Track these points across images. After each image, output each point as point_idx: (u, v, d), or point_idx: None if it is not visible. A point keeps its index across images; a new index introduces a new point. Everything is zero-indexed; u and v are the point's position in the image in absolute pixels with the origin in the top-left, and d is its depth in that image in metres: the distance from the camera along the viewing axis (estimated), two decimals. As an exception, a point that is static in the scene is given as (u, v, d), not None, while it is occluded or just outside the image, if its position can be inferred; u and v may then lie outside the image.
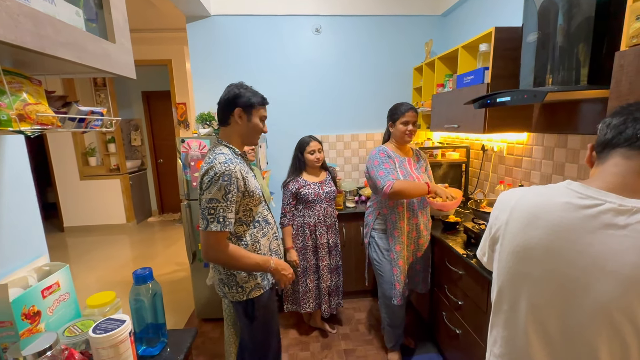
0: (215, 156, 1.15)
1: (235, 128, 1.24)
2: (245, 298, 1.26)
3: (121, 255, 3.88)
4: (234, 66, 2.84)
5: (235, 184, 1.13)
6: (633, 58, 0.97)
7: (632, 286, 0.51)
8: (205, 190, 1.12)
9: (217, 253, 1.15)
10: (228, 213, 1.13)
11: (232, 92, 1.22)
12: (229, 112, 1.22)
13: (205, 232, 1.13)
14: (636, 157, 0.58)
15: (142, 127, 5.40)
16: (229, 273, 1.24)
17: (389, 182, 1.63)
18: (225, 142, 1.24)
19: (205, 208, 1.12)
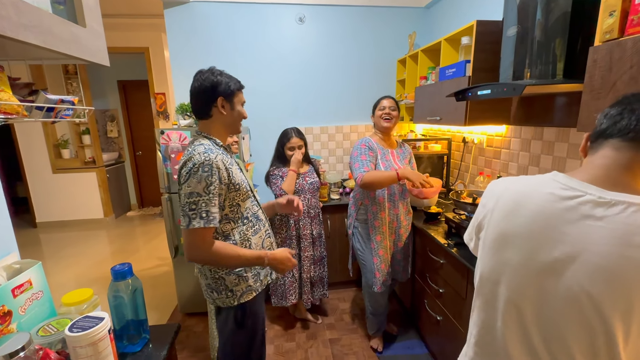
0: (194, 148, 1.07)
1: (219, 119, 1.15)
2: (237, 303, 1.15)
3: (99, 251, 3.76)
4: (215, 55, 2.75)
5: (217, 175, 1.03)
6: (605, 53, 1.00)
7: (602, 276, 0.54)
8: (184, 183, 1.03)
9: (202, 252, 1.05)
10: (211, 207, 1.03)
11: (208, 80, 1.10)
12: (210, 103, 1.11)
13: (188, 230, 1.02)
14: (625, 150, 0.58)
15: (119, 118, 5.19)
16: (217, 277, 1.13)
17: (360, 174, 1.69)
18: (206, 134, 1.14)
19: (186, 203, 1.02)
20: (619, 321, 0.52)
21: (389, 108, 1.82)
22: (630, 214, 0.53)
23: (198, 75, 1.12)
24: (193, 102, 1.14)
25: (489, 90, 1.39)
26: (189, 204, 1.02)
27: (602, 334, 0.54)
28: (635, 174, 0.57)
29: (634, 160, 0.57)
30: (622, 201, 0.54)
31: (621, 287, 0.52)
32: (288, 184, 1.95)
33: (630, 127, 0.57)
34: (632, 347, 0.53)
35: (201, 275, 1.18)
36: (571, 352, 0.57)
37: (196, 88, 1.11)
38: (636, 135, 0.57)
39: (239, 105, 1.19)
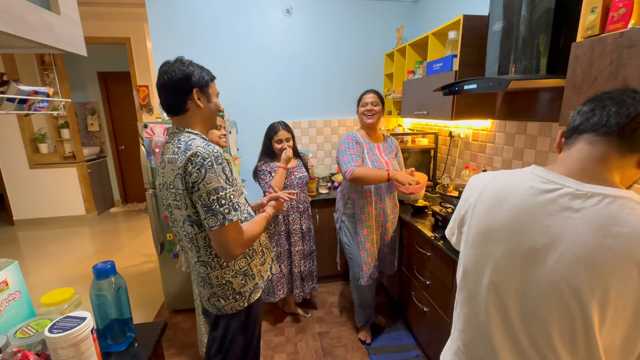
0: (187, 142, 0.95)
1: (196, 113, 1.04)
2: (247, 304, 1.10)
3: (82, 249, 3.65)
4: (199, 46, 2.68)
5: (229, 167, 0.97)
6: (587, 49, 1.03)
7: (581, 265, 0.55)
8: (200, 182, 0.91)
9: (243, 244, 1.00)
10: (237, 198, 0.98)
11: (180, 71, 0.99)
12: (184, 96, 1.00)
13: (225, 228, 0.93)
14: (599, 144, 0.61)
15: (100, 111, 5.01)
16: (223, 282, 1.06)
17: (350, 168, 1.68)
18: (189, 129, 1.02)
19: (213, 201, 0.92)
20: (596, 308, 0.54)
21: (371, 104, 1.80)
22: (606, 205, 0.55)
23: (166, 67, 1.00)
24: (165, 96, 1.01)
25: (475, 84, 1.40)
26: (217, 200, 0.92)
27: (581, 320, 0.56)
28: (609, 166, 0.60)
29: (607, 154, 0.60)
30: (598, 193, 0.57)
31: (599, 275, 0.54)
32: (277, 181, 1.93)
33: (602, 123, 0.60)
34: (607, 331, 0.55)
35: (204, 285, 1.09)
36: (552, 341, 0.59)
37: (166, 81, 0.99)
38: (608, 130, 0.59)
39: (214, 96, 1.10)
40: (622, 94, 0.61)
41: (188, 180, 0.92)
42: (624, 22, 0.94)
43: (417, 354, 1.94)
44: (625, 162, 0.60)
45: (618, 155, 0.59)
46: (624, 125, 0.58)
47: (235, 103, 2.81)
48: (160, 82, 1.01)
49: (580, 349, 0.57)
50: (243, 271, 1.10)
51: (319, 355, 1.97)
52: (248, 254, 1.12)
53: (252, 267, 1.13)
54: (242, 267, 1.10)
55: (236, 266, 1.09)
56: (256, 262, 1.15)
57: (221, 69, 2.75)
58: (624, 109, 0.59)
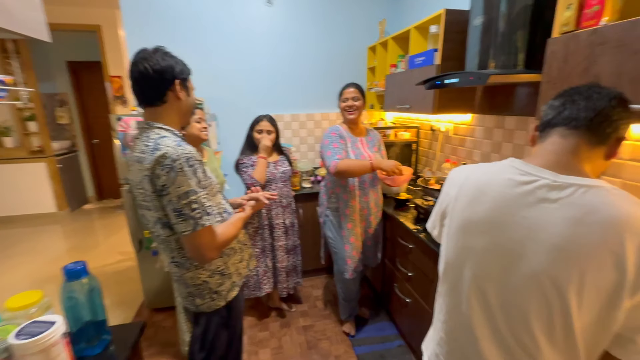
0: (158, 140, 0.89)
1: (174, 105, 0.99)
2: (224, 303, 1.09)
3: (53, 248, 3.48)
4: (176, 36, 2.58)
5: (201, 168, 0.94)
6: (562, 45, 1.05)
7: (558, 254, 0.57)
8: (170, 185, 0.86)
9: (216, 248, 0.97)
10: (209, 201, 0.95)
11: (164, 61, 0.94)
12: (165, 86, 0.95)
13: (197, 233, 0.90)
14: (571, 137, 0.63)
15: (70, 103, 4.75)
16: (199, 282, 1.04)
17: (334, 162, 1.68)
18: (160, 124, 0.96)
19: (184, 206, 0.88)
20: (573, 294, 0.56)
21: (351, 99, 1.78)
22: (581, 195, 0.57)
23: (145, 54, 0.94)
24: (141, 84, 0.94)
25: (457, 78, 1.42)
26: (188, 204, 0.88)
27: (559, 308, 0.58)
28: (580, 158, 0.62)
29: (578, 146, 0.62)
30: (573, 184, 0.59)
31: (575, 263, 0.56)
32: (259, 172, 1.90)
33: (573, 117, 0.63)
34: (583, 316, 0.57)
35: (180, 284, 1.08)
36: (531, 328, 0.61)
37: (147, 68, 0.92)
38: (578, 123, 0.62)
39: (192, 91, 1.06)
40: (588, 89, 0.64)
41: (157, 183, 0.87)
42: (597, 19, 0.97)
43: (399, 344, 1.99)
44: (594, 153, 0.63)
45: (588, 147, 0.62)
46: (592, 119, 0.61)
47: (215, 95, 2.73)
48: (139, 69, 0.92)
49: (557, 335, 0.59)
50: (220, 271, 1.08)
51: (304, 349, 1.98)
52: (225, 253, 1.10)
53: (229, 266, 1.10)
54: (219, 266, 1.08)
55: (212, 266, 1.06)
56: (234, 261, 1.13)
57: (199, 59, 2.66)
58: (591, 103, 0.61)
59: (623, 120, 0.61)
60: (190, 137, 1.65)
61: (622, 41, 0.87)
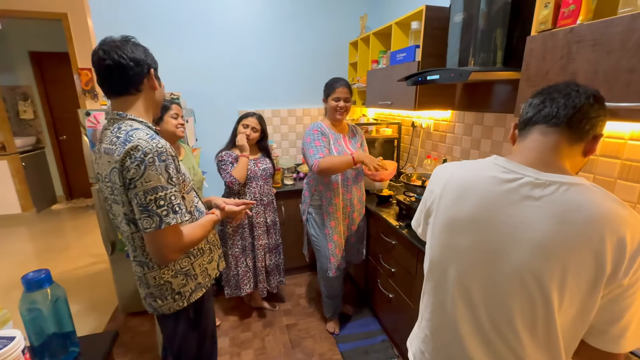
0: (130, 132, 0.86)
1: (149, 95, 0.97)
2: (186, 304, 1.05)
3: (18, 252, 3.26)
4: (149, 26, 2.45)
5: (174, 164, 0.90)
6: (541, 43, 1.07)
7: (542, 252, 0.58)
8: (138, 179, 0.83)
9: (179, 250, 0.93)
10: (179, 199, 0.90)
11: (137, 49, 0.92)
12: (141, 74, 0.92)
13: (160, 231, 0.86)
14: (551, 134, 0.64)
15: (35, 97, 4.44)
16: (162, 282, 1.00)
17: (316, 161, 1.65)
18: (133, 116, 0.93)
19: (150, 201, 0.84)
20: (555, 290, 0.57)
21: (343, 100, 1.73)
22: (563, 193, 0.58)
23: (114, 42, 0.90)
24: (116, 73, 0.89)
25: (438, 75, 1.42)
26: (155, 200, 0.85)
27: (542, 304, 0.59)
28: (561, 155, 0.63)
29: (559, 143, 0.63)
30: (555, 181, 0.59)
31: (558, 259, 0.56)
32: (239, 170, 1.84)
33: (553, 114, 0.63)
34: (564, 311, 0.58)
35: (141, 284, 1.03)
36: (514, 325, 0.62)
37: (123, 57, 0.88)
38: (558, 121, 0.63)
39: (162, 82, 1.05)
40: (566, 87, 0.65)
41: (125, 175, 0.84)
42: (574, 18, 0.99)
43: (383, 339, 2.00)
44: (574, 150, 0.64)
45: (568, 144, 0.63)
46: (572, 116, 0.62)
47: (192, 90, 2.63)
48: (113, 58, 0.88)
49: (540, 331, 0.60)
50: (185, 271, 1.04)
51: (287, 348, 1.95)
52: (192, 254, 1.06)
53: (195, 267, 1.07)
54: (184, 266, 1.04)
55: (177, 266, 1.02)
56: (201, 262, 1.09)
57: (175, 52, 2.55)
58: (570, 101, 0.62)
59: (600, 118, 0.63)
60: (165, 134, 1.57)
61: (597, 40, 0.89)
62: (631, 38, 0.81)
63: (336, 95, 1.73)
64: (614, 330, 0.58)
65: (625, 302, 0.56)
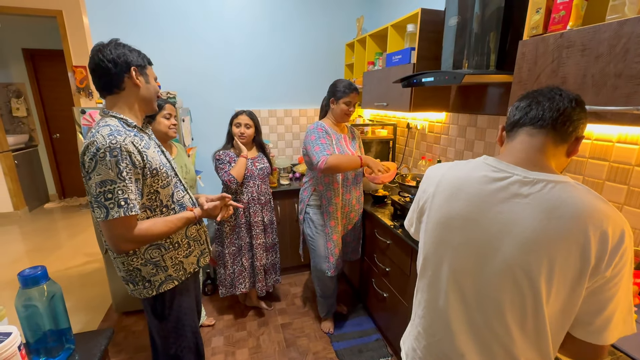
0: (98, 129, 0.94)
1: (133, 92, 1.04)
2: (155, 293, 1.10)
3: (9, 250, 3.22)
4: (146, 25, 2.45)
5: (129, 159, 0.94)
6: (532, 47, 1.10)
7: (530, 246, 0.60)
8: (91, 172, 0.91)
9: (131, 240, 0.98)
10: (129, 194, 0.94)
11: (116, 50, 0.99)
12: (120, 73, 0.99)
13: (107, 222, 0.93)
14: (538, 135, 0.66)
15: (28, 94, 4.39)
16: (131, 268, 1.06)
17: (323, 157, 1.64)
18: (114, 113, 1.01)
19: (100, 194, 0.91)
20: (544, 283, 0.59)
21: (353, 105, 1.78)
22: (549, 190, 0.61)
23: (99, 47, 1.00)
24: (99, 74, 0.99)
25: (432, 77, 1.44)
26: (103, 193, 0.92)
27: (531, 297, 0.61)
28: (547, 155, 0.66)
29: (545, 144, 0.66)
30: (542, 179, 0.62)
31: (545, 254, 0.59)
32: (237, 170, 1.85)
33: (539, 117, 0.66)
34: (551, 303, 0.61)
35: (116, 268, 1.10)
36: (504, 319, 0.64)
37: (102, 59, 0.97)
38: (544, 123, 0.66)
39: (152, 79, 1.09)
40: (550, 91, 0.68)
41: (84, 168, 0.94)
42: (564, 23, 1.02)
43: (377, 337, 2.02)
44: (558, 151, 0.67)
45: (553, 145, 0.66)
46: (556, 119, 0.65)
47: (188, 89, 2.63)
48: (95, 61, 0.98)
49: (529, 325, 0.63)
50: (154, 261, 1.09)
51: (282, 347, 1.96)
52: (163, 246, 1.10)
53: (165, 259, 1.11)
54: (154, 257, 1.09)
55: (147, 255, 1.07)
56: (173, 255, 1.13)
57: (172, 51, 2.55)
58: (554, 104, 0.65)
59: (582, 120, 0.66)
60: (157, 133, 1.58)
61: (586, 45, 0.92)
62: (618, 44, 0.84)
63: (348, 99, 1.75)
64: (598, 322, 0.60)
65: (608, 293, 0.59)
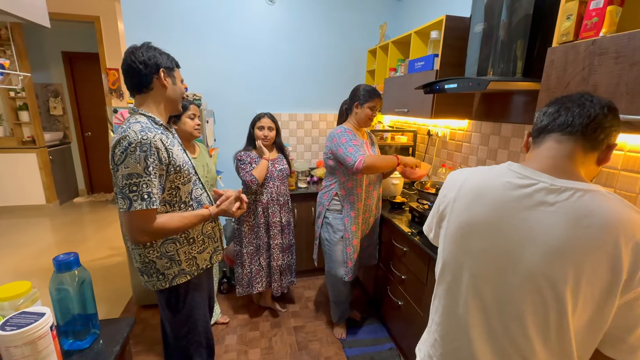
0: (129, 125, 1.00)
1: (160, 92, 1.10)
2: (168, 286, 1.14)
3: (41, 240, 3.40)
4: (176, 30, 2.56)
5: (156, 155, 1.00)
6: (562, 54, 1.07)
7: (555, 256, 0.58)
8: (120, 164, 0.97)
9: (148, 233, 1.03)
10: (152, 188, 0.99)
11: (147, 53, 1.06)
12: (150, 74, 1.06)
13: (129, 213, 0.98)
14: (566, 142, 0.65)
15: (64, 94, 4.67)
16: (147, 260, 1.11)
17: (360, 157, 1.63)
18: (143, 111, 1.08)
19: (125, 185, 0.97)
20: (570, 295, 0.57)
21: (376, 110, 1.79)
22: (577, 199, 0.59)
23: (132, 49, 1.07)
24: (130, 74, 1.06)
25: (456, 84, 1.43)
26: (128, 185, 0.97)
27: (555, 309, 0.59)
28: (576, 162, 0.64)
29: (574, 151, 0.64)
30: (570, 187, 0.60)
31: (572, 264, 0.57)
32: (259, 171, 1.90)
33: (568, 123, 0.64)
34: (578, 316, 0.58)
35: (133, 259, 1.16)
36: (526, 329, 0.62)
37: (134, 60, 1.04)
38: (573, 130, 0.64)
39: (178, 81, 1.16)
40: (580, 97, 0.66)
41: (114, 160, 0.98)
42: (596, 30, 0.99)
43: (390, 347, 1.98)
44: (588, 158, 0.64)
45: (582, 152, 0.64)
46: (586, 125, 0.63)
47: (213, 92, 2.72)
48: (128, 62, 1.05)
49: (552, 336, 0.60)
50: (169, 255, 1.13)
51: (294, 350, 1.96)
52: (178, 240, 1.14)
53: (179, 253, 1.15)
54: (169, 251, 1.13)
55: (162, 249, 1.12)
56: (187, 250, 1.17)
57: (199, 55, 2.64)
58: (585, 110, 0.63)
59: (614, 128, 0.63)
60: (182, 133, 1.64)
61: (620, 53, 0.89)
62: (655, 51, 0.81)
63: (373, 104, 1.76)
64: (631, 339, 0.57)
65: None
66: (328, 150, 1.79)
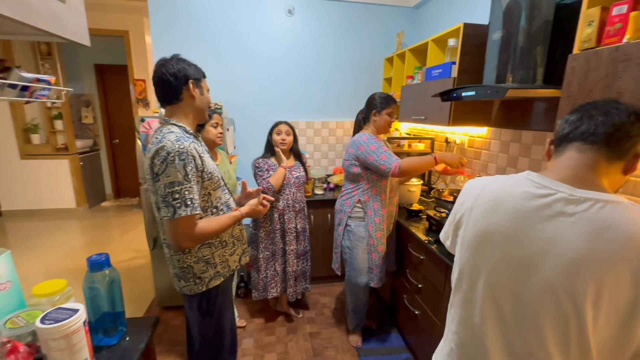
0: (164, 135, 1.04)
1: (189, 103, 1.14)
2: (205, 289, 1.19)
3: (71, 242, 3.59)
4: (200, 42, 2.68)
5: (193, 163, 1.04)
6: (583, 61, 1.05)
7: (575, 268, 0.57)
8: (161, 174, 1.00)
9: (193, 238, 1.07)
10: (194, 194, 1.04)
11: (177, 65, 1.10)
12: (180, 86, 1.10)
13: (174, 220, 1.02)
14: (588, 151, 0.63)
15: (95, 104, 4.95)
16: (185, 266, 1.15)
17: (395, 163, 1.63)
18: (174, 121, 1.12)
19: (168, 194, 1.01)
20: (590, 308, 0.56)
21: (393, 116, 1.82)
22: (598, 210, 0.57)
23: (163, 61, 1.11)
24: (160, 86, 1.11)
25: (474, 92, 1.42)
26: (171, 193, 1.01)
27: (575, 322, 0.57)
28: (598, 172, 0.62)
29: (596, 161, 0.62)
30: (590, 198, 0.59)
31: (592, 277, 0.55)
32: (276, 179, 1.94)
33: (591, 132, 0.63)
34: (600, 330, 0.56)
35: (170, 264, 1.19)
36: (545, 342, 0.61)
37: (164, 73, 1.08)
38: (596, 139, 0.62)
39: (205, 91, 1.20)
40: (605, 104, 0.64)
41: (154, 170, 1.02)
42: (620, 36, 0.97)
43: (406, 357, 1.95)
44: (612, 168, 0.62)
45: (606, 162, 0.62)
46: (611, 134, 0.61)
47: (233, 100, 2.81)
48: (158, 74, 1.09)
49: (572, 350, 0.59)
50: (205, 259, 1.18)
51: (309, 356, 1.97)
52: (213, 244, 1.19)
53: (215, 257, 1.20)
54: (205, 255, 1.18)
55: (199, 253, 1.16)
56: (221, 253, 1.22)
57: (221, 65, 2.75)
58: (609, 118, 0.61)
59: None
60: (205, 141, 1.71)
61: (645, 59, 0.87)
62: (682, 57, 0.79)
63: (391, 110, 1.79)
64: None
65: None
66: (353, 157, 1.79)
